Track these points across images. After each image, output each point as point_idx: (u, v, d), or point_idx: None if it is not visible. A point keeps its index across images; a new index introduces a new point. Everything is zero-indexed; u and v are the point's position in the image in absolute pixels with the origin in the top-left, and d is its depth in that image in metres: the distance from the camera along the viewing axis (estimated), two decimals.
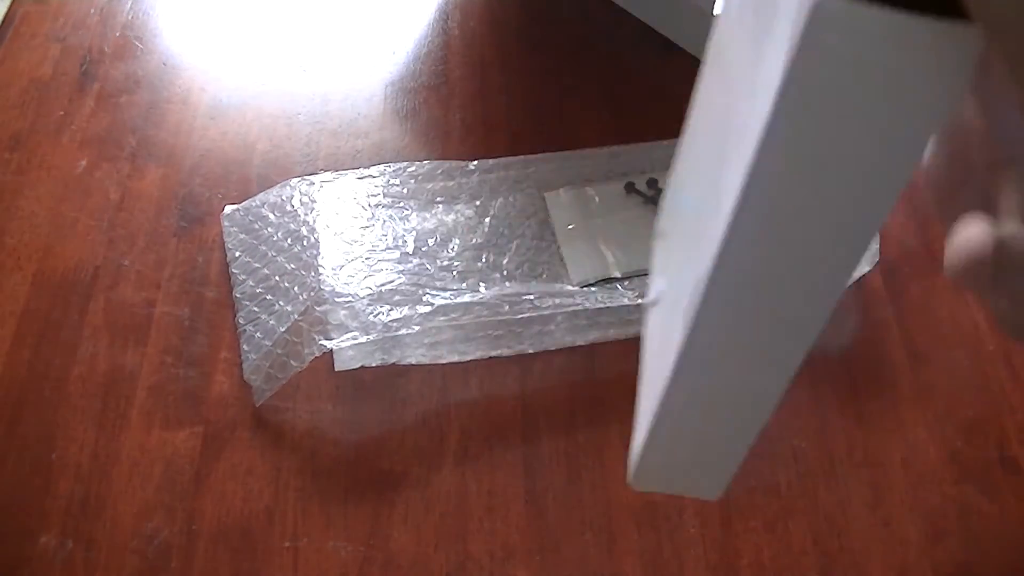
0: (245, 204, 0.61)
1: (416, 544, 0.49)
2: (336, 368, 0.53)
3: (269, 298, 0.56)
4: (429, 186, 0.62)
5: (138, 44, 0.72)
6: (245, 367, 0.54)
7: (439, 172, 0.62)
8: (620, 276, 0.57)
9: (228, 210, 0.61)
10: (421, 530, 0.49)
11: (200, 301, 0.58)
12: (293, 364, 0.51)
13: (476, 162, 0.63)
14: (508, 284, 0.57)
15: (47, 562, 0.48)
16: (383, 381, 0.54)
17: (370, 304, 0.53)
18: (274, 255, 0.58)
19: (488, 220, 0.60)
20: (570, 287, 0.57)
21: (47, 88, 0.69)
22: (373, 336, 0.52)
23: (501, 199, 0.61)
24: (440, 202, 0.61)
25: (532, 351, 0.55)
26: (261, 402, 0.52)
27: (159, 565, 0.48)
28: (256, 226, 0.60)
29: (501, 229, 0.60)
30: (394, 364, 0.53)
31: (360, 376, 0.54)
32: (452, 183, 0.62)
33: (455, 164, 0.62)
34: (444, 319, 0.53)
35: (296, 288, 0.55)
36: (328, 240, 0.58)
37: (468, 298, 0.54)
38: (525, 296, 0.54)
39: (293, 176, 0.62)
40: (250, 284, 0.57)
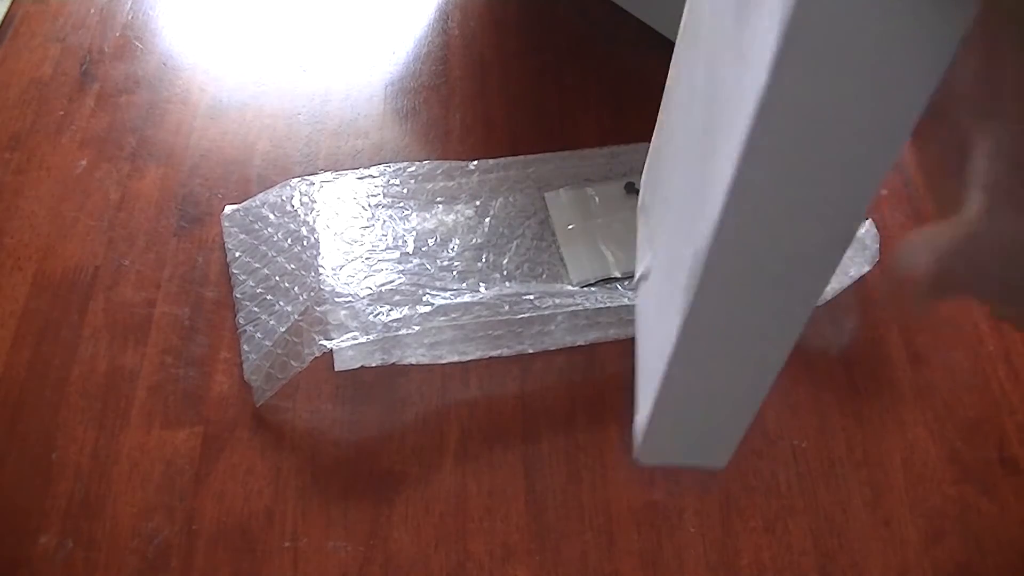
0: (245, 204, 0.61)
1: (416, 544, 0.49)
2: (336, 368, 0.53)
3: (269, 298, 0.56)
4: (429, 186, 0.62)
5: (138, 44, 0.72)
6: (245, 367, 0.54)
7: (439, 172, 0.62)
8: (620, 276, 0.57)
9: (228, 210, 0.61)
10: (421, 530, 0.49)
11: (200, 301, 0.58)
12: (293, 364, 0.51)
13: (476, 162, 0.63)
14: (508, 284, 0.57)
15: (47, 562, 0.48)
16: (383, 381, 0.54)
17: (370, 304, 0.53)
18: (274, 255, 0.58)
19: (488, 220, 0.60)
20: (570, 287, 0.57)
21: (47, 88, 0.69)
22: (373, 336, 0.52)
23: (501, 199, 0.61)
24: (440, 202, 0.61)
25: (532, 351, 0.55)
26: (261, 402, 0.52)
27: (159, 565, 0.48)
28: (256, 226, 0.60)
29: (501, 229, 0.60)
30: (394, 364, 0.53)
31: (360, 376, 0.54)
32: (452, 183, 0.62)
33: (455, 164, 0.62)
34: (444, 319, 0.53)
35: (296, 288, 0.55)
36: (328, 240, 0.58)
37: (468, 298, 0.54)
38: (525, 296, 0.54)
39: (293, 176, 0.62)
40: (250, 284, 0.57)
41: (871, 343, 0.56)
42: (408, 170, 0.62)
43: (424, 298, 0.54)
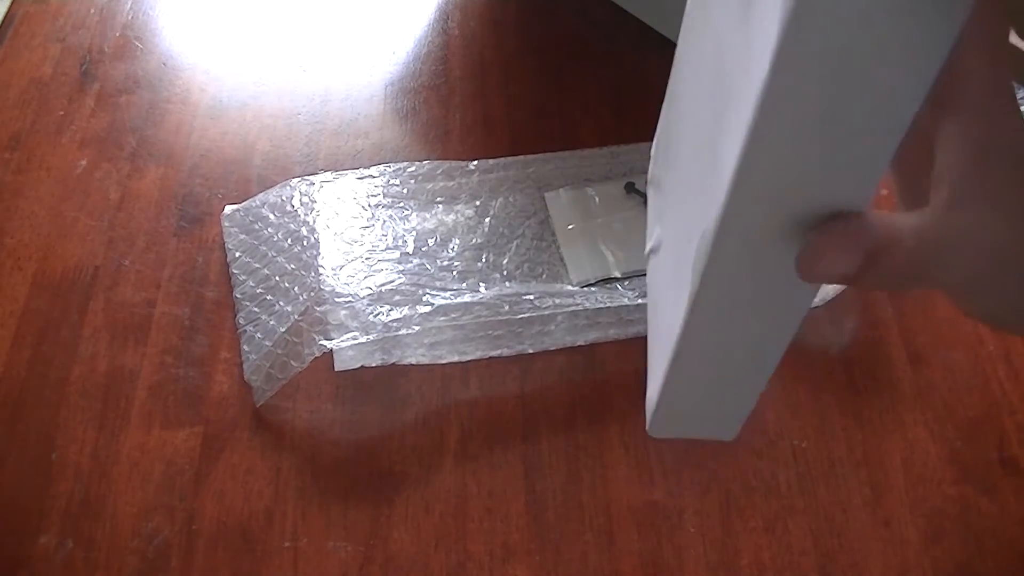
0: (245, 204, 0.61)
1: (416, 544, 0.49)
2: (336, 368, 0.53)
3: (269, 298, 0.56)
4: (429, 186, 0.62)
5: (138, 44, 0.72)
6: (245, 367, 0.54)
7: (439, 172, 0.62)
8: (620, 276, 0.57)
9: (228, 210, 0.61)
10: (421, 530, 0.49)
11: (200, 301, 0.58)
12: (293, 364, 0.51)
13: (476, 162, 0.63)
14: (508, 284, 0.57)
15: (47, 562, 0.48)
16: (383, 381, 0.54)
17: (370, 304, 0.53)
18: (274, 255, 0.58)
19: (488, 220, 0.60)
20: (570, 287, 0.57)
21: (47, 88, 0.69)
22: (373, 336, 0.52)
23: (501, 199, 0.61)
24: (440, 202, 0.61)
25: (532, 351, 0.55)
26: (261, 402, 0.52)
27: (159, 565, 0.48)
28: (256, 226, 0.60)
29: (501, 229, 0.60)
30: (394, 364, 0.53)
31: (360, 376, 0.54)
32: (452, 183, 0.62)
33: (455, 164, 0.62)
34: (444, 319, 0.53)
35: (296, 288, 0.55)
36: (328, 240, 0.58)
37: (468, 298, 0.54)
38: (525, 296, 0.54)
39: (293, 176, 0.62)
40: (250, 284, 0.57)
41: (871, 343, 0.56)
42: (408, 170, 0.62)
43: (424, 298, 0.54)
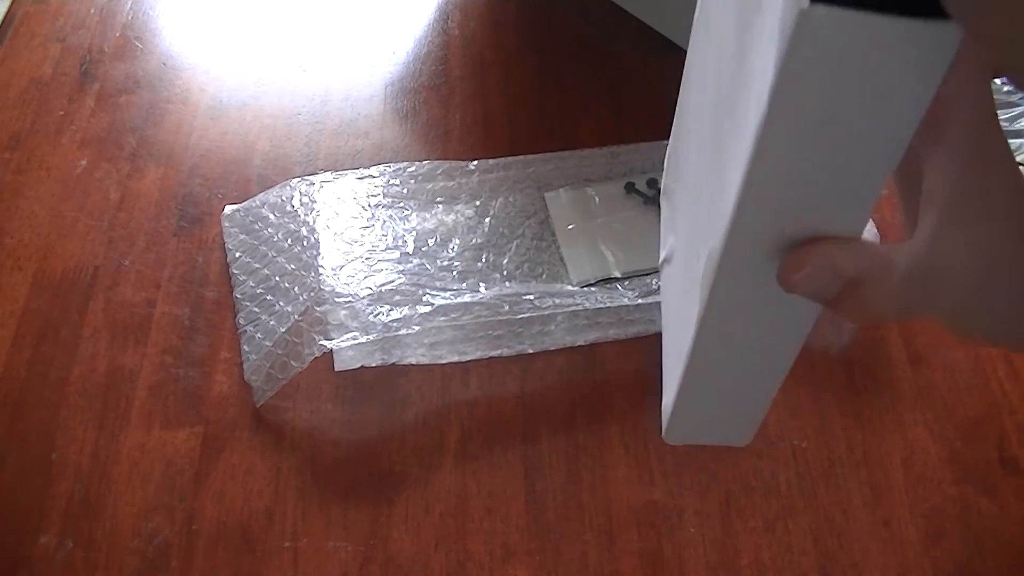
0: (245, 204, 0.61)
1: (416, 544, 0.49)
2: (336, 368, 0.53)
3: (269, 298, 0.56)
4: (429, 186, 0.62)
5: (138, 44, 0.72)
6: (246, 367, 0.54)
7: (439, 172, 0.62)
8: (620, 276, 0.57)
9: (228, 210, 0.61)
10: (421, 530, 0.49)
11: (200, 301, 0.58)
12: (293, 364, 0.51)
13: (476, 162, 0.63)
14: (508, 284, 0.57)
15: (47, 562, 0.48)
16: (383, 381, 0.54)
17: (370, 304, 0.53)
18: (274, 255, 0.58)
19: (488, 220, 0.60)
20: (570, 287, 0.57)
21: (47, 88, 0.69)
22: (373, 336, 0.52)
23: (501, 199, 0.61)
24: (440, 202, 0.61)
25: (532, 351, 0.55)
26: (261, 402, 0.52)
27: (159, 565, 0.48)
28: (256, 226, 0.60)
29: (501, 229, 0.60)
30: (394, 364, 0.53)
31: (360, 376, 0.54)
32: (452, 183, 0.62)
33: (455, 164, 0.62)
34: (444, 319, 0.53)
35: (296, 288, 0.55)
36: (328, 240, 0.58)
37: (468, 298, 0.54)
38: (525, 296, 0.54)
39: (293, 176, 0.62)
40: (250, 284, 0.57)
41: (871, 343, 0.56)
42: (408, 170, 0.62)
43: (424, 298, 0.54)
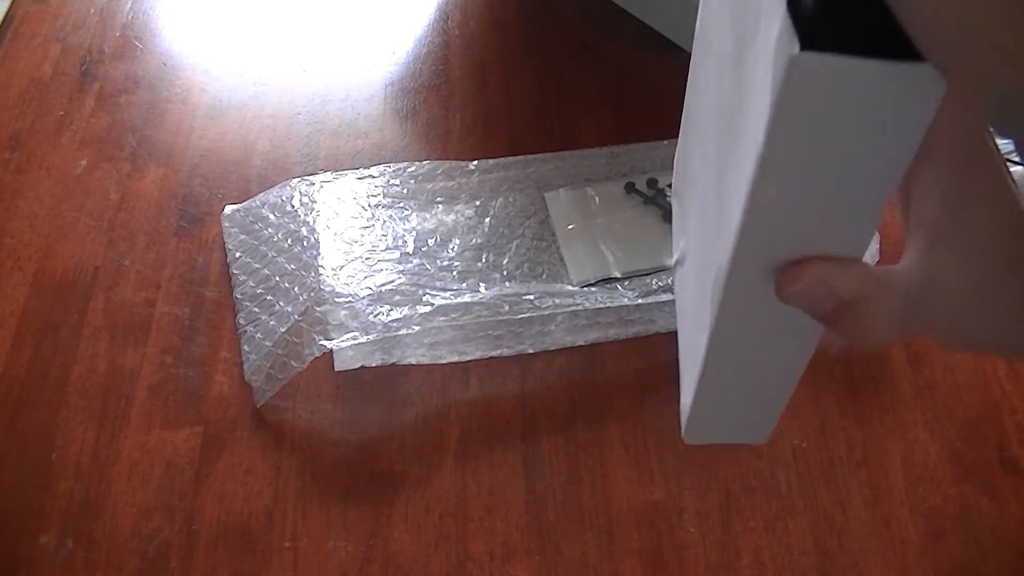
0: (245, 204, 0.61)
1: (416, 544, 0.49)
2: (336, 368, 0.53)
3: (269, 299, 0.56)
4: (429, 186, 0.62)
5: (138, 44, 0.72)
6: (246, 367, 0.54)
7: (439, 172, 0.62)
8: (620, 276, 0.57)
9: (228, 210, 0.61)
10: (421, 530, 0.49)
11: (200, 301, 0.58)
12: (293, 364, 0.51)
13: (476, 162, 0.63)
14: (508, 284, 0.57)
15: (47, 562, 0.48)
16: (383, 381, 0.54)
17: (370, 304, 0.53)
18: (274, 255, 0.58)
19: (488, 220, 0.60)
20: (570, 287, 0.57)
21: (47, 88, 0.69)
22: (373, 336, 0.52)
23: (501, 199, 0.61)
24: (440, 202, 0.61)
25: (532, 351, 0.55)
26: (262, 402, 0.52)
27: (159, 565, 0.48)
28: (256, 226, 0.60)
29: (501, 229, 0.60)
30: (394, 364, 0.53)
31: (360, 376, 0.54)
32: (452, 183, 0.62)
33: (455, 164, 0.62)
34: (444, 319, 0.53)
35: (296, 288, 0.55)
36: (328, 240, 0.58)
37: (468, 298, 0.54)
38: (525, 296, 0.54)
39: (293, 176, 0.62)
40: (250, 285, 0.57)
41: None
42: (408, 170, 0.62)
43: (424, 298, 0.54)
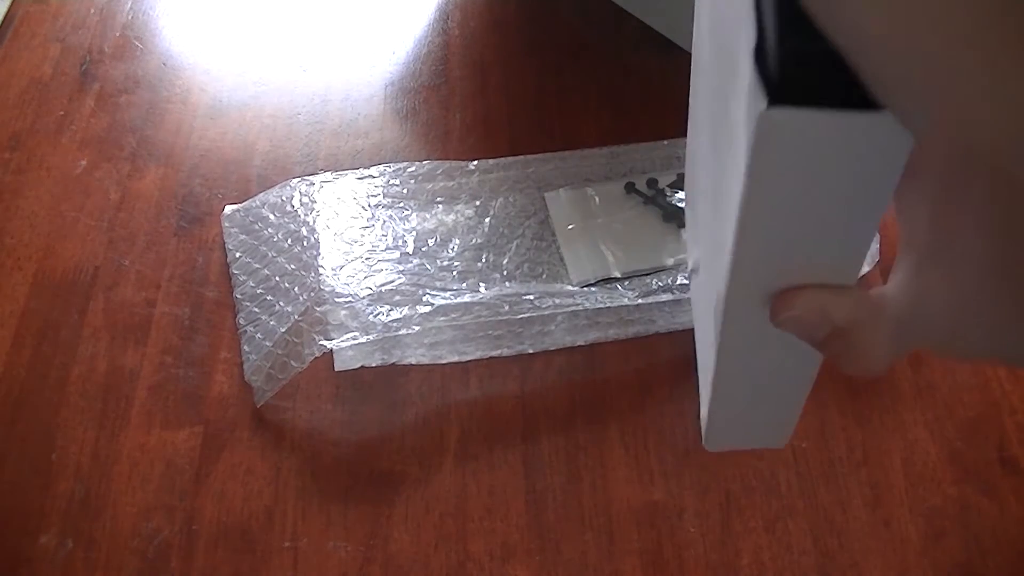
0: (245, 204, 0.61)
1: (416, 544, 0.49)
2: (336, 368, 0.53)
3: (269, 299, 0.56)
4: (429, 186, 0.62)
5: (138, 44, 0.72)
6: (246, 367, 0.54)
7: (439, 172, 0.62)
8: (620, 276, 0.57)
9: (228, 210, 0.61)
10: (421, 530, 0.49)
11: (200, 301, 0.58)
12: (293, 364, 0.51)
13: (476, 162, 0.63)
14: (508, 284, 0.57)
15: (47, 562, 0.48)
16: (383, 381, 0.54)
17: (370, 304, 0.53)
18: (274, 255, 0.58)
19: (488, 220, 0.60)
20: (570, 287, 0.57)
21: (47, 88, 0.69)
22: (373, 336, 0.52)
23: (501, 199, 0.61)
24: (440, 202, 0.61)
25: (532, 351, 0.55)
26: (262, 403, 0.52)
27: (159, 565, 0.48)
28: (256, 226, 0.60)
29: (501, 229, 0.60)
30: (394, 364, 0.53)
31: (360, 376, 0.54)
32: (452, 183, 0.62)
33: (455, 164, 0.62)
34: (444, 319, 0.53)
35: (296, 288, 0.55)
36: (328, 240, 0.58)
37: (468, 298, 0.54)
38: (525, 296, 0.54)
39: (293, 176, 0.62)
40: (250, 285, 0.57)
41: None
42: (408, 170, 0.62)
43: (424, 298, 0.54)
